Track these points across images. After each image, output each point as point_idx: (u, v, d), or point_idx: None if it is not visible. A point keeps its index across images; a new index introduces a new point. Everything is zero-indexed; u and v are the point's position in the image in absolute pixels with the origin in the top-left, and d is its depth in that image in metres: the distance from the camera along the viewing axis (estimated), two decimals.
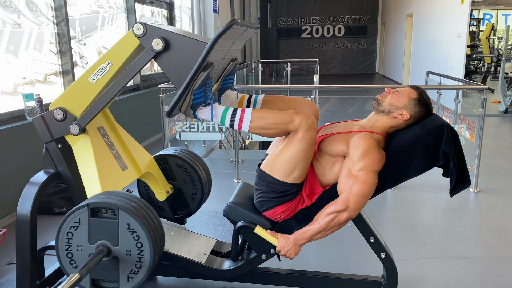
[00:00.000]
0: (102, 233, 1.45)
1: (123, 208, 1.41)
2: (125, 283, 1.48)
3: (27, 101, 3.05)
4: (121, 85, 1.64)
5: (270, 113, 1.58)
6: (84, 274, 1.31)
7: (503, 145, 5.29)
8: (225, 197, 2.00)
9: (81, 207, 1.45)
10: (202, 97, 1.57)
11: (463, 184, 1.61)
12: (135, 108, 5.22)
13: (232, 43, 1.69)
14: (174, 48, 1.55)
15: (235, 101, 1.89)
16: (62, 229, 1.48)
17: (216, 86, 1.85)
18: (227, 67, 1.85)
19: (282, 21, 17.12)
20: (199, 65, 1.46)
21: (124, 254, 1.45)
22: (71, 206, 3.12)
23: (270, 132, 1.58)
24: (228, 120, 1.60)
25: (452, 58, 7.93)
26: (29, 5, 3.59)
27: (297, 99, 1.87)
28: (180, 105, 1.57)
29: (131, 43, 1.61)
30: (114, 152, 1.85)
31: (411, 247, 2.59)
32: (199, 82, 1.51)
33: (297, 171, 1.61)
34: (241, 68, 8.81)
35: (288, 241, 1.66)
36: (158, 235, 1.48)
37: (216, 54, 1.56)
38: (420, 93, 1.70)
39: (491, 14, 16.87)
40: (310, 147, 1.57)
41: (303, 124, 1.54)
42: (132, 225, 1.42)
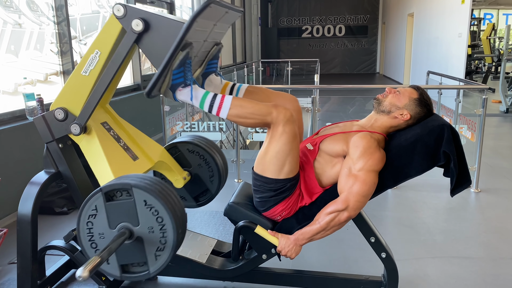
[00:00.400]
0: (121, 215, 1.41)
1: (136, 186, 1.38)
2: (154, 262, 1.44)
3: (28, 101, 3.05)
4: (111, 75, 1.61)
5: (250, 103, 1.58)
6: (105, 256, 1.26)
7: (503, 145, 5.28)
8: (225, 197, 2.00)
9: (95, 194, 1.41)
10: (182, 77, 1.57)
11: (464, 184, 1.62)
12: (136, 108, 5.22)
13: (214, 25, 1.67)
14: (154, 29, 1.54)
15: (219, 86, 1.89)
16: (81, 220, 1.43)
17: (199, 71, 1.84)
18: (211, 51, 1.84)
19: (283, 20, 17.12)
20: (177, 44, 1.45)
21: (146, 232, 1.41)
22: (72, 206, 3.14)
23: (248, 122, 1.58)
24: (207, 104, 1.59)
25: (453, 58, 7.92)
26: (30, 5, 3.60)
27: (279, 93, 1.88)
28: (159, 86, 1.55)
29: (114, 27, 1.59)
30: (122, 145, 1.82)
31: (412, 247, 2.59)
32: (177, 62, 1.50)
33: (287, 165, 1.61)
34: (241, 68, 8.81)
35: (288, 241, 1.66)
36: (177, 207, 1.43)
37: (196, 34, 1.55)
38: (421, 94, 1.70)
39: (492, 13, 16.85)
40: (293, 139, 1.58)
41: (281, 117, 1.54)
42: (148, 201, 1.38)
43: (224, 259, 1.97)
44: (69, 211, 3.14)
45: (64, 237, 1.91)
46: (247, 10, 13.07)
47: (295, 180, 1.67)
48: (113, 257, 1.45)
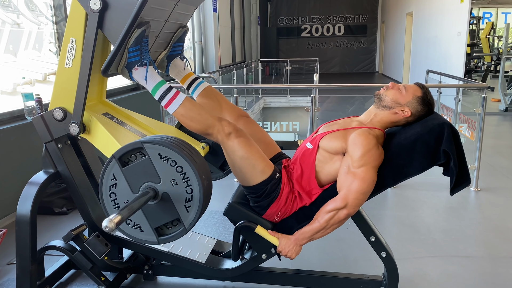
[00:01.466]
0: (141, 176, 1.38)
1: (147, 142, 1.36)
2: (186, 215, 1.40)
3: (27, 101, 3.04)
4: (88, 62, 1.59)
5: (199, 109, 1.60)
6: (125, 214, 1.23)
7: (503, 144, 5.28)
8: (225, 197, 2.00)
9: (109, 162, 1.38)
10: (138, 56, 1.57)
11: (464, 183, 1.61)
12: (135, 107, 5.18)
13: (175, 4, 1.66)
14: (112, 7, 1.53)
15: (182, 73, 1.90)
16: (103, 193, 1.41)
17: (164, 53, 1.85)
18: (176, 33, 1.84)
19: (282, 20, 17.11)
20: (132, 20, 1.45)
21: (170, 186, 1.37)
22: (71, 206, 3.13)
23: (191, 124, 1.59)
24: (159, 93, 1.59)
25: (452, 57, 7.92)
26: (29, 5, 3.59)
27: (231, 106, 1.93)
28: (116, 65, 1.56)
29: (79, 11, 1.58)
30: (129, 128, 1.81)
31: (412, 246, 2.58)
32: (133, 39, 1.50)
33: (258, 166, 1.62)
34: (241, 67, 8.80)
35: (289, 241, 1.66)
36: (193, 154, 1.40)
37: (153, 12, 1.54)
38: (425, 93, 1.69)
39: (491, 12, 16.86)
40: (245, 143, 1.59)
41: (224, 131, 1.57)
42: (163, 154, 1.35)
43: (223, 259, 1.97)
44: (68, 211, 3.13)
45: (63, 237, 1.90)
46: (246, 10, 13.05)
47: (273, 180, 1.66)
48: (145, 222, 1.43)
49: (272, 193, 1.66)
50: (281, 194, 1.68)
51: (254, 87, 8.44)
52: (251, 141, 1.63)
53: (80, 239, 1.90)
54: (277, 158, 1.90)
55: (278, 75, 13.53)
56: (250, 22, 13.50)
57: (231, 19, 11.02)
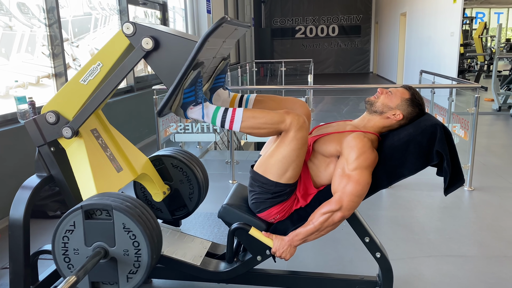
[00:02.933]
0: (98, 234, 1.44)
1: (117, 208, 1.40)
2: (125, 283, 1.46)
3: (20, 104, 3.02)
4: (112, 86, 1.63)
5: (262, 112, 1.58)
6: (81, 276, 1.29)
7: (496, 143, 5.32)
8: (220, 199, 2.00)
9: (75, 210, 1.43)
10: (193, 96, 1.57)
11: (457, 183, 1.62)
12: (129, 109, 5.20)
13: (223, 41, 1.68)
14: (164, 47, 1.54)
15: (227, 100, 1.88)
16: (57, 234, 1.46)
17: (207, 85, 1.84)
18: (218, 66, 1.84)
19: (276, 21, 17.13)
20: (189, 64, 1.45)
21: (121, 254, 1.44)
22: (65, 209, 3.11)
23: (262, 132, 1.58)
24: (219, 119, 1.59)
25: (446, 57, 7.97)
26: (21, 8, 3.57)
27: (288, 99, 1.87)
28: (170, 105, 1.56)
29: (121, 43, 1.59)
30: (109, 154, 1.84)
31: (406, 246, 2.59)
32: (189, 81, 1.50)
33: (290, 171, 1.61)
34: (235, 68, 8.80)
35: (283, 243, 1.66)
36: (154, 233, 1.46)
37: (206, 52, 1.55)
38: (413, 94, 1.70)
39: (483, 12, 16.98)
40: (302, 146, 1.57)
41: (294, 123, 1.54)
42: (127, 225, 1.41)
43: (218, 261, 1.97)
44: (62, 215, 3.12)
45: None
46: (240, 11, 13.06)
47: (294, 187, 1.67)
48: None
49: (284, 196, 1.67)
50: (289, 200, 1.69)
51: (248, 89, 8.44)
52: (306, 145, 1.61)
53: None
54: None
55: (272, 76, 13.54)
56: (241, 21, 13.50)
57: None
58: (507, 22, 16.84)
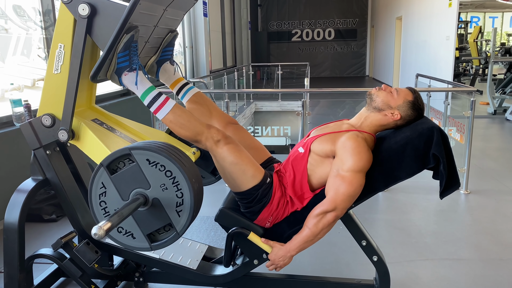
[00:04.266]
0: (130, 183, 1.37)
1: (134, 149, 1.35)
2: (178, 220, 1.39)
3: (15, 107, 3.01)
4: (76, 68, 1.58)
5: (189, 116, 1.60)
6: (116, 221, 1.21)
7: (492, 147, 5.34)
8: (216, 202, 1.99)
9: (98, 170, 1.37)
10: (127, 61, 1.56)
11: (453, 186, 1.62)
12: (125, 113, 5.17)
13: (164, 10, 1.66)
14: (100, 13, 1.52)
15: (171, 77, 1.90)
16: (93, 202, 1.40)
17: (154, 58, 1.84)
18: (165, 38, 1.84)
19: (273, 24, 17.17)
20: (120, 26, 1.44)
21: (160, 191, 1.37)
22: (61, 213, 3.09)
23: (179, 131, 1.59)
24: (149, 99, 1.59)
25: (441, 61, 8.01)
26: (17, 10, 3.56)
27: (220, 112, 1.94)
28: (105, 70, 1.54)
29: (67, 16, 1.56)
30: (119, 134, 1.79)
31: (403, 250, 2.59)
32: (122, 45, 1.50)
33: (246, 171, 1.62)
34: (232, 72, 8.81)
35: (281, 251, 1.65)
36: (181, 157, 1.39)
37: (142, 17, 1.54)
38: (416, 97, 1.70)
39: (478, 17, 17.09)
40: (236, 148, 1.60)
41: (214, 138, 1.57)
42: (151, 159, 1.34)
43: (215, 265, 1.96)
44: (57, 218, 3.10)
45: (53, 245, 1.87)
46: (236, 14, 13.08)
47: (265, 184, 1.66)
48: (137, 229, 1.42)
49: (263, 198, 1.66)
50: (273, 199, 1.68)
51: (245, 92, 8.45)
52: (240, 147, 1.63)
53: (69, 246, 1.87)
54: (268, 163, 1.90)
55: (269, 79, 13.56)
56: (241, 26, 13.52)
57: (221, 24, 11.03)
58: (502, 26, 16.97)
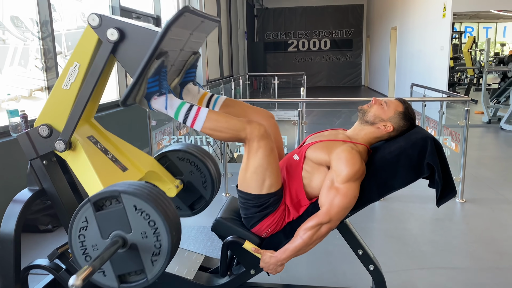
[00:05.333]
0: (113, 224, 1.38)
1: (124, 192, 1.35)
2: (151, 268, 1.40)
3: (12, 117, 3.01)
4: (90, 87, 1.59)
5: (225, 117, 1.59)
6: (97, 265, 1.23)
7: (487, 155, 5.37)
8: (213, 212, 1.99)
9: (84, 205, 1.38)
10: (157, 86, 1.56)
11: (449, 194, 1.63)
12: (122, 122, 5.19)
13: (190, 34, 1.67)
14: (129, 38, 1.52)
15: (196, 96, 1.89)
16: (73, 234, 1.40)
17: (177, 80, 1.84)
18: (188, 60, 1.84)
19: (269, 35, 17.29)
20: (152, 52, 1.45)
21: (140, 238, 1.37)
22: (57, 223, 3.08)
23: (222, 136, 1.59)
24: (183, 115, 1.58)
25: (436, 70, 8.08)
26: (14, 21, 3.57)
27: (256, 109, 1.90)
28: (134, 95, 1.55)
29: (91, 37, 1.57)
30: (110, 157, 1.79)
31: (400, 259, 2.60)
32: (152, 70, 1.50)
33: (268, 179, 1.61)
34: (228, 81, 8.84)
35: (271, 259, 1.64)
36: (168, 209, 1.40)
37: (171, 43, 1.55)
38: (407, 108, 1.73)
39: (472, 27, 17.26)
40: (270, 153, 1.59)
41: (255, 133, 1.55)
42: (138, 206, 1.35)
43: (212, 275, 1.95)
44: (53, 229, 3.08)
45: (49, 256, 1.87)
46: (233, 25, 13.17)
47: (277, 195, 1.67)
48: (109, 268, 1.41)
49: (270, 206, 1.66)
50: (277, 211, 1.69)
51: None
52: (274, 150, 1.61)
53: (65, 257, 1.86)
54: None
55: (265, 89, 13.61)
56: (237, 37, 13.60)
57: (218, 34, 11.10)
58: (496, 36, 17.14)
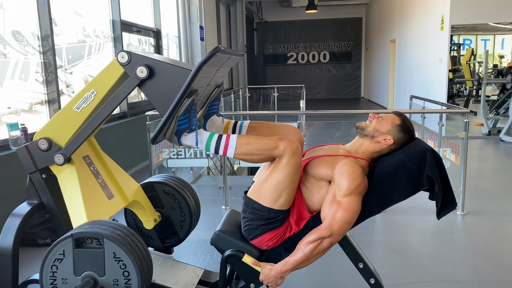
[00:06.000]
0: (88, 264, 1.41)
1: (108, 237, 1.39)
2: None
3: (12, 131, 3.01)
4: (105, 114, 1.64)
5: (255, 139, 1.59)
6: None
7: (487, 167, 5.36)
8: (213, 225, 1.98)
9: (65, 238, 1.41)
10: (187, 123, 1.58)
11: (449, 207, 1.63)
12: (122, 135, 5.19)
13: (217, 70, 1.71)
14: (158, 75, 1.56)
15: (221, 126, 1.90)
16: (46, 262, 1.44)
17: (201, 112, 1.86)
18: (212, 93, 1.86)
19: (268, 48, 17.41)
20: (183, 92, 1.47)
21: (111, 284, 1.41)
22: (55, 237, 3.06)
23: (256, 158, 1.59)
24: (213, 146, 1.60)
25: (435, 82, 8.11)
26: (15, 35, 3.60)
27: (282, 125, 1.89)
28: (164, 132, 1.57)
29: (115, 71, 1.61)
30: (100, 181, 1.83)
31: (401, 272, 2.58)
32: (183, 109, 1.51)
33: (284, 196, 1.61)
34: (228, 94, 8.88)
35: (271, 272, 1.63)
36: (145, 263, 1.44)
37: (200, 81, 1.57)
38: (403, 120, 1.74)
39: (470, 39, 17.39)
40: (296, 172, 1.58)
41: (287, 149, 1.55)
42: (118, 254, 1.39)
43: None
44: (52, 243, 3.06)
45: None
46: (233, 38, 13.27)
47: (287, 213, 1.67)
48: None
49: (277, 222, 1.66)
50: (282, 227, 1.68)
51: (241, 114, 8.49)
52: (299, 170, 1.61)
53: None
54: None
55: (265, 101, 13.64)
56: (237, 50, 13.70)
57: None
58: (494, 49, 17.26)
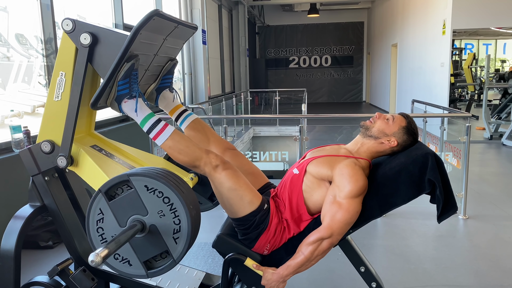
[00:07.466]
0: (128, 210, 1.37)
1: (133, 175, 1.36)
2: (175, 247, 1.38)
3: (15, 133, 3.02)
4: (77, 96, 1.61)
5: (187, 141, 1.62)
6: (113, 248, 1.21)
7: (489, 171, 5.36)
8: (214, 228, 1.98)
9: (96, 196, 1.38)
10: (127, 88, 1.59)
11: (450, 211, 1.63)
12: (124, 139, 5.18)
13: (164, 39, 1.69)
14: (102, 42, 1.56)
15: (171, 104, 1.93)
16: (90, 228, 1.40)
17: (154, 85, 1.88)
18: (165, 66, 1.87)
19: (270, 52, 17.44)
20: (121, 55, 1.47)
21: (158, 218, 1.37)
22: (57, 239, 3.07)
23: (178, 157, 1.61)
24: (148, 126, 1.61)
25: (437, 87, 8.12)
26: (19, 39, 3.63)
27: (218, 139, 1.95)
28: (105, 97, 1.57)
29: (69, 45, 1.60)
30: (117, 160, 1.80)
31: (402, 276, 2.57)
32: (122, 73, 1.52)
33: (246, 196, 1.62)
34: (230, 97, 8.89)
35: (273, 276, 1.63)
36: (179, 184, 1.40)
37: (142, 46, 1.57)
38: (409, 122, 1.74)
39: (472, 44, 17.40)
40: (234, 173, 1.61)
41: (211, 163, 1.58)
42: (150, 185, 1.35)
43: None
44: (54, 245, 3.07)
45: (48, 273, 1.85)
46: (235, 42, 13.30)
47: (262, 211, 1.66)
48: (134, 256, 1.41)
49: (260, 224, 1.66)
50: (270, 225, 1.67)
51: (243, 117, 8.51)
52: (238, 173, 1.64)
53: (65, 274, 1.85)
54: (265, 188, 1.90)
55: (267, 105, 13.64)
56: (239, 54, 13.72)
57: (220, 51, 11.21)
58: (495, 53, 17.27)
